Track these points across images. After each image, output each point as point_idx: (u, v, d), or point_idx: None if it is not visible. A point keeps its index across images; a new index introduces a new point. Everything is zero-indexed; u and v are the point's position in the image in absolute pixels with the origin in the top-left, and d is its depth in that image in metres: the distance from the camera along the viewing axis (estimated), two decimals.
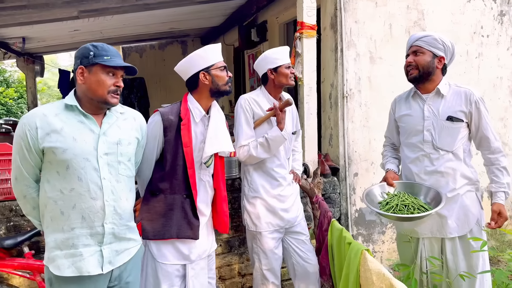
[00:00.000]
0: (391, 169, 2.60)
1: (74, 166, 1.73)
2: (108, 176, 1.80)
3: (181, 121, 2.19)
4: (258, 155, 2.60)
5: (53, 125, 1.72)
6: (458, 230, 2.36)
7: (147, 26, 6.06)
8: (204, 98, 2.26)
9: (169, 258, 2.21)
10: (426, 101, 2.39)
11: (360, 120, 3.78)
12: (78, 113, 1.78)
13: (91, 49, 1.75)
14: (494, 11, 4.25)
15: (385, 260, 3.93)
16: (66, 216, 1.76)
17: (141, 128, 2.03)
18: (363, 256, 2.25)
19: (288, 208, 2.76)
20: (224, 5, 5.30)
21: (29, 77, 7.13)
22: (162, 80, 8.51)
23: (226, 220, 2.41)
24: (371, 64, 3.79)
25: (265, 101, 2.71)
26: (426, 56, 2.31)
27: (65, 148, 1.71)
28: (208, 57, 2.22)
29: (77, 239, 1.76)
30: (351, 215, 3.77)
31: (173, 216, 2.20)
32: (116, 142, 1.84)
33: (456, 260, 2.37)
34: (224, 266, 3.35)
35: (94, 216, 1.77)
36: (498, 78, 4.32)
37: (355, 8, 3.69)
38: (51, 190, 1.76)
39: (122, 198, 1.85)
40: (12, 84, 13.91)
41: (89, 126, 1.78)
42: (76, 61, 1.79)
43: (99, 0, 3.94)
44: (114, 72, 1.79)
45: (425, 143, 2.38)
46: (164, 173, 2.21)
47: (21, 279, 2.79)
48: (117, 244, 1.86)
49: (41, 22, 4.52)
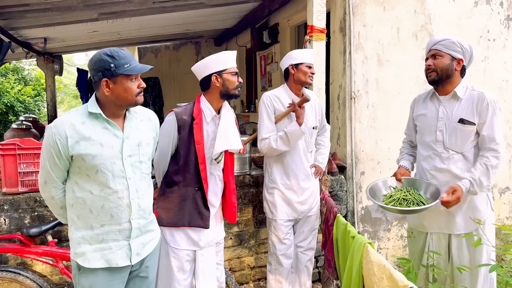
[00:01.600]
0: (403, 166, 2.74)
1: (103, 170, 1.85)
2: (133, 175, 1.95)
3: (193, 121, 2.39)
4: (278, 148, 2.81)
5: (82, 133, 1.83)
6: (465, 227, 2.45)
7: (162, 28, 6.24)
8: (215, 99, 2.45)
9: (180, 243, 2.41)
10: (442, 103, 2.49)
11: (367, 121, 3.90)
12: (102, 120, 1.88)
13: (110, 61, 1.80)
14: (501, 15, 4.33)
15: (390, 256, 4.04)
16: (95, 214, 1.89)
17: (156, 127, 2.17)
18: (366, 249, 2.37)
19: (304, 200, 2.96)
20: (238, 8, 5.44)
21: (48, 76, 7.37)
22: (176, 80, 8.69)
23: (234, 211, 2.60)
24: (379, 67, 3.90)
25: (286, 97, 2.92)
26: (444, 59, 2.40)
27: (94, 154, 1.83)
28: (222, 61, 2.40)
29: (106, 235, 1.91)
30: (357, 212, 3.90)
31: (185, 207, 2.40)
32: (137, 143, 1.97)
33: (461, 255, 2.46)
34: (234, 259, 3.51)
35: (121, 214, 1.92)
36: (504, 81, 4.40)
37: (363, 13, 3.81)
38: (80, 191, 1.88)
39: (145, 194, 2.01)
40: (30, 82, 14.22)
41: (113, 131, 1.90)
42: (96, 73, 1.84)
43: (118, 3, 4.11)
44: (135, 76, 1.88)
45: (437, 143, 2.49)
46: (178, 167, 2.41)
47: (44, 265, 2.98)
48: (143, 237, 2.02)
49: (63, 24, 4.72)
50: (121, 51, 1.87)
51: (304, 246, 3.06)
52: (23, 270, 2.80)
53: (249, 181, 3.49)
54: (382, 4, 3.88)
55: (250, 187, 3.49)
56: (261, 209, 3.53)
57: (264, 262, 3.59)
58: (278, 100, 2.90)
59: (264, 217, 3.55)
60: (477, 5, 4.23)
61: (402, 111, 3.97)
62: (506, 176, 4.52)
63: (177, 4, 4.56)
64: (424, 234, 2.59)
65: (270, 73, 6.32)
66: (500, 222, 4.53)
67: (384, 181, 2.68)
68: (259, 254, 3.58)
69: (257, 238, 3.55)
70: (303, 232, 3.06)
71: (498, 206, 4.51)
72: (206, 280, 2.44)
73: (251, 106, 7.28)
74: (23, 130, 5.62)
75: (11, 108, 12.01)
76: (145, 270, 2.07)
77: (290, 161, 2.91)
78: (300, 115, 2.75)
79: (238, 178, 3.43)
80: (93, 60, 1.86)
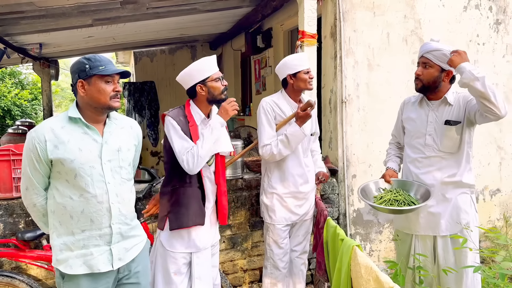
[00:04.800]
0: (390, 167, 2.79)
1: (82, 174, 1.88)
2: (112, 180, 1.97)
3: (188, 123, 2.44)
4: (279, 152, 2.81)
5: (61, 137, 1.86)
6: (449, 229, 2.50)
7: (157, 33, 6.28)
8: (203, 105, 2.50)
9: (176, 246, 2.44)
10: (432, 108, 2.54)
11: (358, 124, 3.95)
12: (82, 124, 1.92)
13: (85, 63, 1.87)
14: (490, 19, 4.40)
15: (382, 258, 4.08)
16: (75, 219, 1.90)
17: (138, 135, 2.20)
18: (354, 251, 2.42)
19: (302, 204, 2.99)
20: (231, 13, 5.49)
21: (44, 81, 7.40)
22: (172, 84, 8.71)
23: (225, 213, 2.64)
24: (369, 71, 3.96)
25: (285, 104, 2.92)
26: (433, 71, 2.44)
27: (73, 158, 1.86)
28: (204, 70, 2.44)
29: (87, 240, 1.94)
30: (349, 215, 3.94)
31: (191, 205, 2.44)
32: (117, 149, 2.00)
33: (447, 257, 2.51)
34: (227, 262, 3.55)
35: (101, 218, 1.94)
36: (493, 84, 4.44)
37: (353, 18, 3.87)
38: (60, 197, 1.90)
39: (125, 199, 2.03)
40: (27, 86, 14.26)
41: (92, 136, 1.93)
42: (74, 75, 1.91)
43: (112, 10, 4.16)
44: (111, 80, 1.91)
45: (426, 146, 2.54)
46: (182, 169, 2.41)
47: (39, 269, 3.02)
48: (125, 242, 2.04)
49: (58, 30, 4.77)
50: (99, 55, 1.93)
51: (299, 250, 3.10)
52: (19, 274, 2.84)
53: (241, 184, 3.54)
54: (372, 10, 3.94)
55: (242, 190, 3.54)
56: (254, 212, 3.58)
57: (257, 264, 3.64)
58: (277, 106, 2.90)
59: (257, 220, 3.60)
60: (466, 9, 4.29)
61: (392, 115, 3.97)
62: (496, 178, 4.57)
63: (171, 10, 4.62)
64: (410, 236, 2.64)
65: (264, 77, 6.37)
66: (491, 224, 4.58)
67: (376, 182, 2.74)
68: (252, 257, 3.63)
69: (250, 241, 3.60)
70: (298, 236, 3.09)
71: (489, 208, 4.56)
72: (202, 283, 2.47)
73: (245, 110, 7.33)
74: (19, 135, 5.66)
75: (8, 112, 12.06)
76: (135, 276, 2.09)
77: (290, 166, 2.93)
78: (301, 118, 2.75)
79: (231, 182, 3.48)
80: (73, 64, 1.94)
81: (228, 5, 4.89)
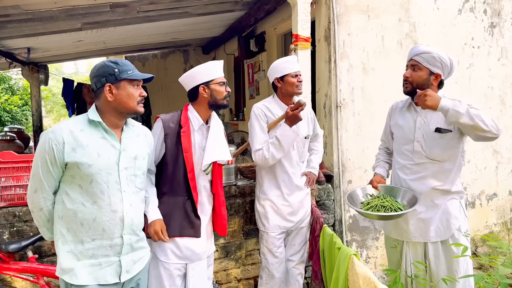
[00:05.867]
0: (378, 173, 2.73)
1: (98, 180, 1.82)
2: (128, 189, 1.92)
3: (181, 128, 2.35)
4: (272, 155, 2.70)
5: (79, 140, 1.81)
6: (440, 235, 2.46)
7: (149, 37, 6.20)
8: (203, 109, 2.43)
9: (170, 257, 2.35)
10: (419, 113, 2.49)
11: (354, 129, 3.89)
12: (101, 129, 1.87)
13: (114, 67, 1.85)
14: (484, 23, 4.37)
15: (379, 265, 4.01)
16: (86, 227, 1.84)
17: (151, 144, 2.17)
18: (351, 261, 2.35)
19: (296, 211, 2.89)
20: (224, 17, 5.43)
21: (33, 86, 7.27)
22: (164, 89, 8.64)
23: (224, 223, 2.55)
24: (364, 75, 3.90)
25: (277, 108, 2.85)
26: (422, 73, 2.39)
27: (91, 163, 1.80)
28: (209, 72, 2.38)
29: (97, 249, 1.86)
30: (345, 221, 3.87)
31: (175, 216, 2.35)
32: (134, 157, 1.96)
33: (438, 263, 2.47)
34: (221, 271, 3.45)
35: (114, 228, 1.87)
36: (489, 88, 4.42)
37: (348, 21, 3.81)
38: (71, 203, 1.83)
39: (138, 209, 1.98)
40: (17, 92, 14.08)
41: (111, 142, 1.88)
42: (99, 80, 1.86)
43: (101, 13, 4.07)
44: (138, 84, 1.91)
45: (414, 153, 2.48)
46: (165, 177, 2.37)
47: (24, 282, 2.89)
48: (133, 254, 1.98)
49: (46, 34, 4.66)
50: (124, 60, 1.92)
51: (295, 260, 3.00)
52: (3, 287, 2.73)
53: (235, 191, 3.45)
54: (367, 13, 3.89)
55: (236, 197, 3.45)
56: (248, 220, 3.49)
57: (252, 274, 3.54)
58: (269, 111, 2.82)
59: (251, 228, 3.51)
60: (461, 12, 4.26)
61: None
62: (493, 183, 4.53)
63: (162, 13, 4.53)
64: (400, 242, 2.59)
65: (257, 81, 6.31)
66: (488, 229, 4.53)
67: (363, 188, 2.69)
68: (246, 266, 3.53)
69: (244, 250, 3.50)
70: (294, 245, 2.99)
71: (486, 213, 4.51)
72: None
73: (239, 114, 7.26)
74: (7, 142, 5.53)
75: None
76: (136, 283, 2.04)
77: (282, 171, 2.83)
78: (293, 120, 2.64)
79: (224, 189, 3.38)
80: (97, 67, 1.89)
81: (221, 9, 4.82)
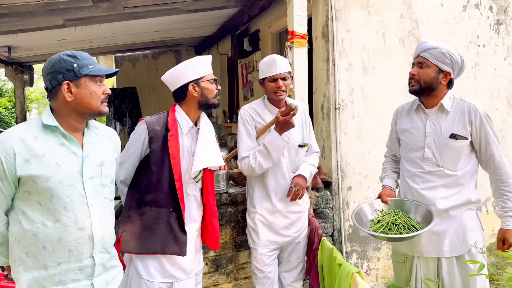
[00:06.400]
0: (387, 186, 2.49)
1: (59, 194, 1.57)
2: (95, 201, 1.66)
3: (168, 132, 2.11)
4: (259, 165, 2.41)
5: (34, 150, 1.55)
6: (455, 249, 2.23)
7: (138, 35, 5.96)
8: (192, 109, 2.20)
9: (154, 275, 2.11)
10: (429, 116, 2.26)
11: (353, 132, 3.66)
12: (58, 134, 1.62)
13: (73, 61, 1.60)
14: (490, 20, 4.16)
15: (381, 278, 3.78)
16: (49, 250, 1.58)
17: (118, 147, 1.91)
18: (354, 279, 2.15)
19: (290, 225, 2.59)
20: (216, 14, 5.20)
21: (17, 87, 6.99)
22: (155, 90, 8.42)
23: (216, 236, 2.32)
24: (364, 75, 3.68)
25: (266, 111, 2.57)
26: (430, 71, 2.18)
27: (49, 176, 1.55)
28: (199, 68, 2.16)
29: (64, 275, 1.60)
30: (344, 230, 3.63)
31: (158, 231, 2.11)
32: (99, 164, 1.71)
33: (453, 281, 2.24)
34: (211, 286, 3.20)
35: (82, 248, 1.62)
36: (495, 88, 4.21)
37: (347, 17, 3.59)
38: (29, 223, 1.57)
39: (108, 223, 1.73)
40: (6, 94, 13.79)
41: (71, 149, 1.63)
42: (55, 76, 1.61)
43: (84, 9, 3.82)
44: (101, 80, 1.67)
45: (425, 160, 2.26)
46: (149, 185, 2.13)
47: None
48: (106, 274, 1.73)
49: (26, 31, 4.40)
50: (84, 52, 1.67)
51: (292, 277, 2.70)
52: None
53: (226, 199, 3.20)
54: (367, 8, 3.66)
55: (227, 206, 3.20)
56: (240, 230, 3.24)
57: None
58: (257, 114, 2.55)
59: (243, 239, 3.26)
60: (465, 9, 4.04)
61: (390, 122, 3.73)
62: None
63: (149, 10, 4.29)
64: (410, 258, 2.35)
65: (252, 82, 6.08)
66: (494, 237, 4.32)
67: (371, 204, 2.43)
68: (238, 280, 3.27)
69: (236, 263, 3.25)
70: (290, 262, 2.70)
71: (492, 220, 4.30)
72: None
73: (233, 117, 7.03)
74: None
75: None
76: None
77: (272, 181, 2.52)
78: (283, 126, 2.36)
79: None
80: (51, 62, 1.63)
81: (212, 5, 4.59)
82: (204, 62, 2.20)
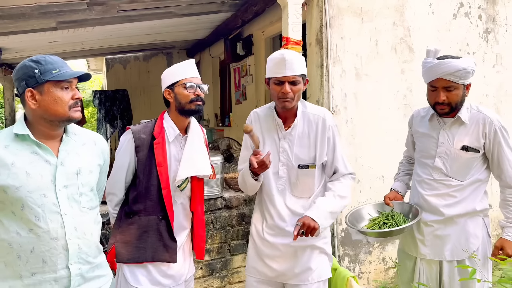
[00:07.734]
0: (394, 189, 2.54)
1: (30, 204, 1.53)
2: (70, 211, 1.61)
3: (154, 140, 2.08)
4: (240, 186, 2.22)
5: (3, 160, 1.52)
6: (456, 254, 2.26)
7: (130, 38, 5.94)
8: (175, 116, 2.15)
9: (143, 282, 2.07)
10: (443, 126, 2.26)
11: (346, 137, 3.70)
12: (31, 143, 1.57)
13: (34, 67, 1.53)
14: (479, 28, 4.24)
15: (372, 281, 3.82)
16: (24, 260, 1.55)
17: (103, 152, 1.83)
18: (349, 284, 2.17)
19: (279, 257, 2.13)
20: (210, 18, 5.21)
21: (6, 88, 6.91)
22: (147, 92, 8.37)
23: (202, 246, 2.29)
24: (357, 81, 3.72)
25: (269, 119, 2.19)
26: (459, 92, 2.14)
27: (18, 185, 1.51)
28: (175, 73, 2.12)
29: (39, 285, 1.57)
30: (337, 234, 3.66)
31: (148, 239, 2.08)
32: (76, 171, 1.65)
33: (453, 284, 2.27)
34: None
35: (56, 259, 1.57)
36: (484, 95, 4.30)
37: (340, 24, 3.63)
38: (5, 232, 1.55)
39: (87, 233, 1.67)
40: None
41: (44, 157, 1.58)
42: (19, 83, 1.56)
43: (77, 11, 3.80)
44: (68, 85, 1.59)
45: (435, 169, 2.27)
46: (138, 194, 2.10)
47: None
48: (87, 285, 1.68)
49: (18, 33, 4.36)
50: (50, 56, 1.58)
51: None
52: None
53: (221, 204, 3.22)
54: (360, 15, 3.71)
55: (222, 210, 3.23)
56: (234, 234, 3.26)
57: None
58: (258, 121, 2.21)
59: (238, 243, 3.29)
60: (456, 17, 4.12)
61: (381, 127, 3.80)
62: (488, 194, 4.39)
63: (143, 13, 4.29)
64: (413, 259, 2.39)
65: (244, 86, 6.09)
66: None
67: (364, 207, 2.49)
68: (233, 284, 3.29)
69: (230, 267, 3.26)
70: None
71: None
72: None
73: (225, 120, 7.03)
74: None
75: None
76: None
77: (268, 202, 2.15)
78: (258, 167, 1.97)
79: (209, 202, 3.15)
80: (16, 69, 1.57)
81: (206, 10, 4.60)
82: (183, 66, 2.13)
